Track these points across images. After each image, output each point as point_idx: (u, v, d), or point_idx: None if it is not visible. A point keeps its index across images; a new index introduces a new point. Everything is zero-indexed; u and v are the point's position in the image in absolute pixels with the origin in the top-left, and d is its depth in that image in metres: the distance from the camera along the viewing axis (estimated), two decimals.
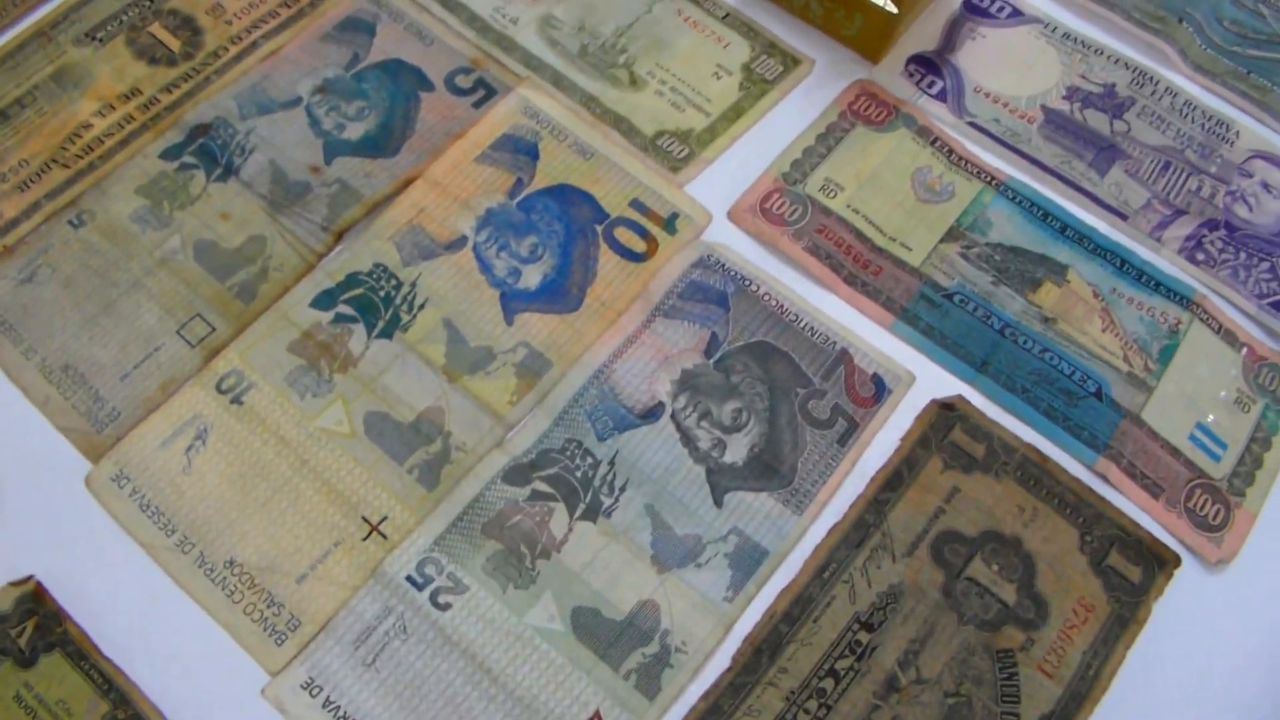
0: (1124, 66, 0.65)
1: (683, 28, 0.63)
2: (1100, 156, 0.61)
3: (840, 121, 0.60)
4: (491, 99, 0.60)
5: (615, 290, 0.55)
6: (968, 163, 0.60)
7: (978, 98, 0.62)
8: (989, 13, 0.66)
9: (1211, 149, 0.62)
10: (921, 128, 0.61)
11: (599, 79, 0.61)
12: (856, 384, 0.53)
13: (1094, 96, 0.63)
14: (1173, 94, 0.64)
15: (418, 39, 0.62)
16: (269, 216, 0.57)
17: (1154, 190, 0.60)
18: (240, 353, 0.53)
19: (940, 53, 0.64)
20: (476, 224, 0.56)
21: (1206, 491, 0.53)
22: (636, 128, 0.59)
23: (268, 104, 0.60)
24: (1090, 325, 0.56)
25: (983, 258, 0.57)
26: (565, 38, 0.62)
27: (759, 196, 0.57)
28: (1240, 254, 0.59)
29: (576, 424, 0.51)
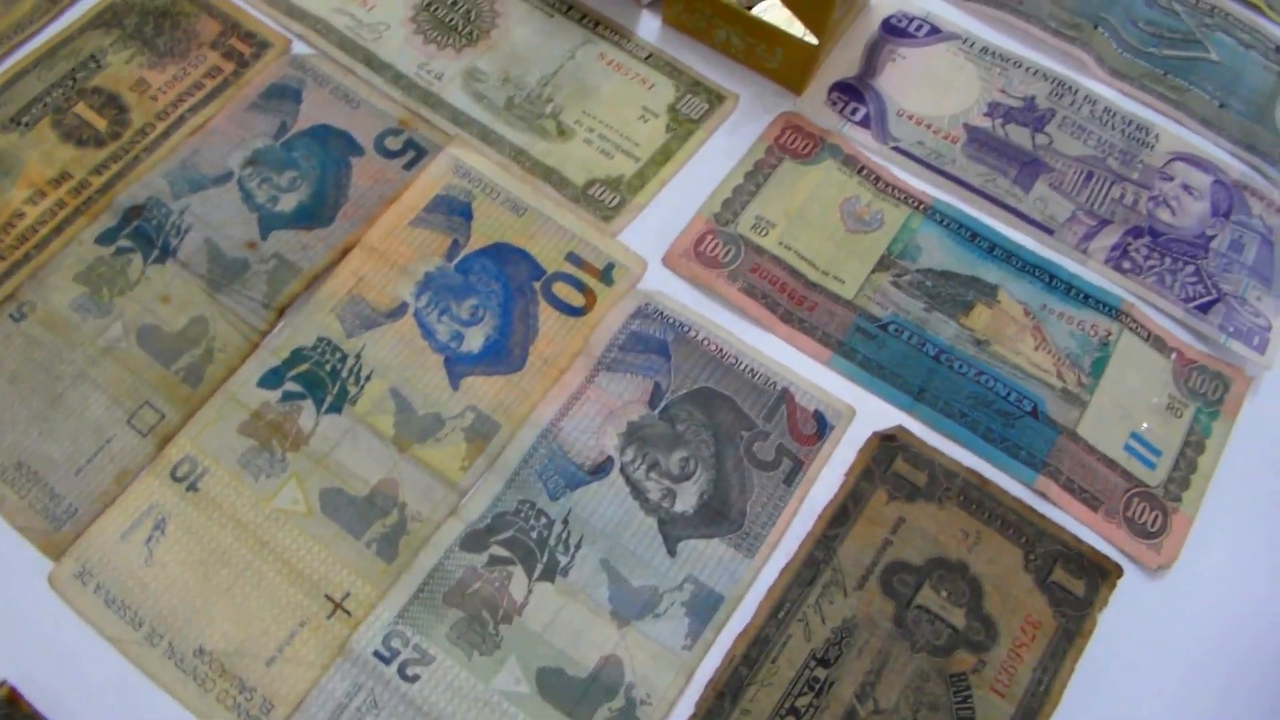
0: (1043, 78, 0.67)
1: (606, 72, 0.65)
2: (1024, 172, 0.63)
3: (768, 158, 0.62)
4: (422, 160, 0.61)
5: (557, 347, 0.56)
6: (894, 189, 0.62)
7: (901, 121, 0.64)
8: (907, 32, 0.68)
9: (1132, 155, 0.64)
10: (848, 157, 0.62)
11: (527, 131, 0.62)
12: (799, 422, 0.55)
13: (1015, 111, 0.65)
14: (1092, 102, 0.66)
15: (344, 102, 0.63)
16: (209, 297, 0.58)
17: (1078, 202, 0.62)
18: (192, 439, 0.54)
19: (862, 78, 0.66)
20: (416, 289, 0.57)
21: (1144, 500, 0.55)
22: (567, 178, 0.61)
23: (199, 180, 0.61)
24: (1023, 344, 0.58)
25: (914, 285, 0.59)
26: (491, 91, 0.63)
27: (692, 240, 0.59)
28: (1165, 259, 0.61)
29: (528, 485, 0.53)
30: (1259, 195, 0.65)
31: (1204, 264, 0.62)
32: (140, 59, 0.65)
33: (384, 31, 0.66)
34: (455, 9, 0.67)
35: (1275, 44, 0.72)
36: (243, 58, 0.65)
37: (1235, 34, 0.71)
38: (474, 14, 0.67)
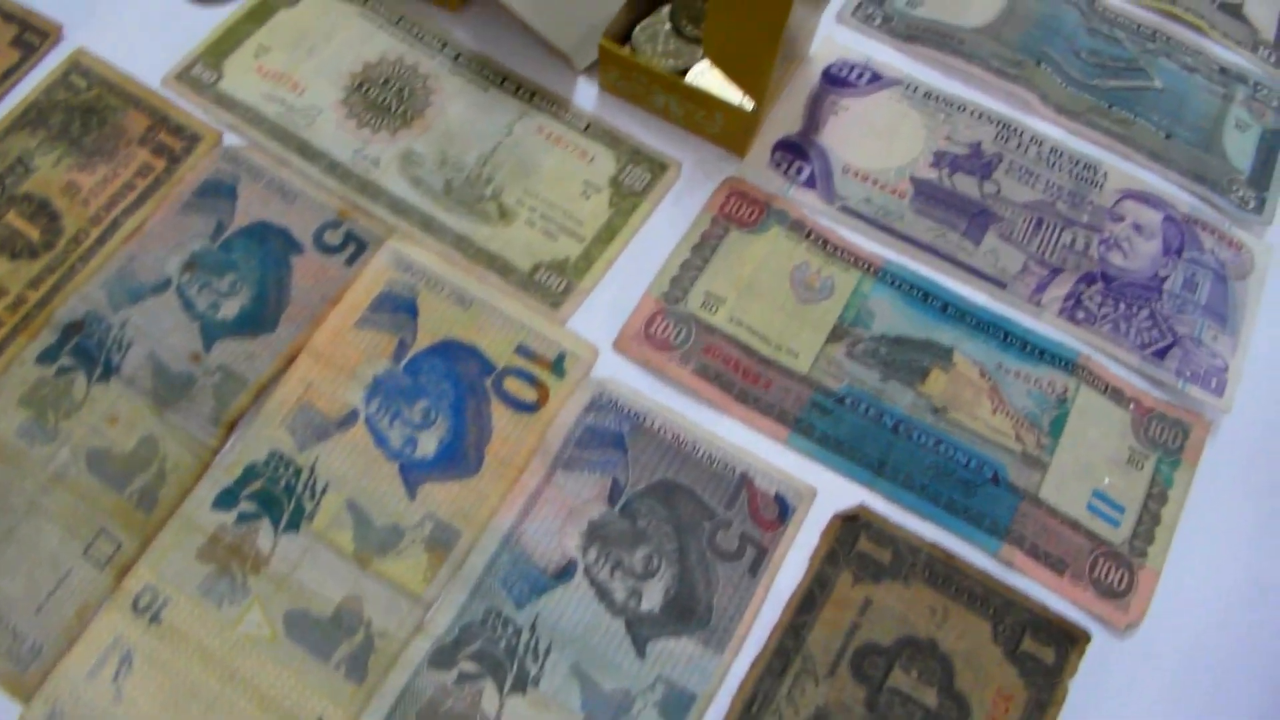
0: (988, 121, 0.67)
1: (545, 146, 0.64)
2: (973, 224, 0.63)
3: (713, 228, 0.62)
4: (363, 254, 0.61)
5: (512, 446, 0.56)
6: (844, 251, 0.62)
7: (847, 179, 0.64)
8: (849, 81, 0.67)
9: (1081, 196, 0.64)
10: (795, 221, 0.62)
11: (468, 216, 0.62)
12: (760, 507, 0.55)
13: (961, 159, 0.65)
14: (1038, 143, 0.66)
15: (280, 197, 0.62)
16: (157, 415, 0.57)
17: (1029, 251, 0.62)
18: (150, 567, 0.54)
19: (805, 134, 0.65)
20: (365, 394, 0.57)
21: (1109, 559, 0.56)
22: (512, 265, 0.60)
23: (138, 289, 0.60)
24: (980, 409, 0.58)
25: (869, 354, 0.59)
26: (429, 175, 0.63)
27: (642, 322, 0.59)
28: (1119, 305, 0.62)
29: (493, 593, 0.53)
30: (1210, 229, 0.65)
31: (1158, 307, 0.62)
32: (69, 160, 0.64)
33: (316, 117, 0.65)
34: (388, 88, 0.66)
35: (1218, 65, 0.72)
36: (173, 153, 0.64)
37: (1178, 58, 0.71)
38: (407, 93, 0.66)
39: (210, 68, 0.67)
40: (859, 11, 0.71)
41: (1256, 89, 0.71)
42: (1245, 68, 0.73)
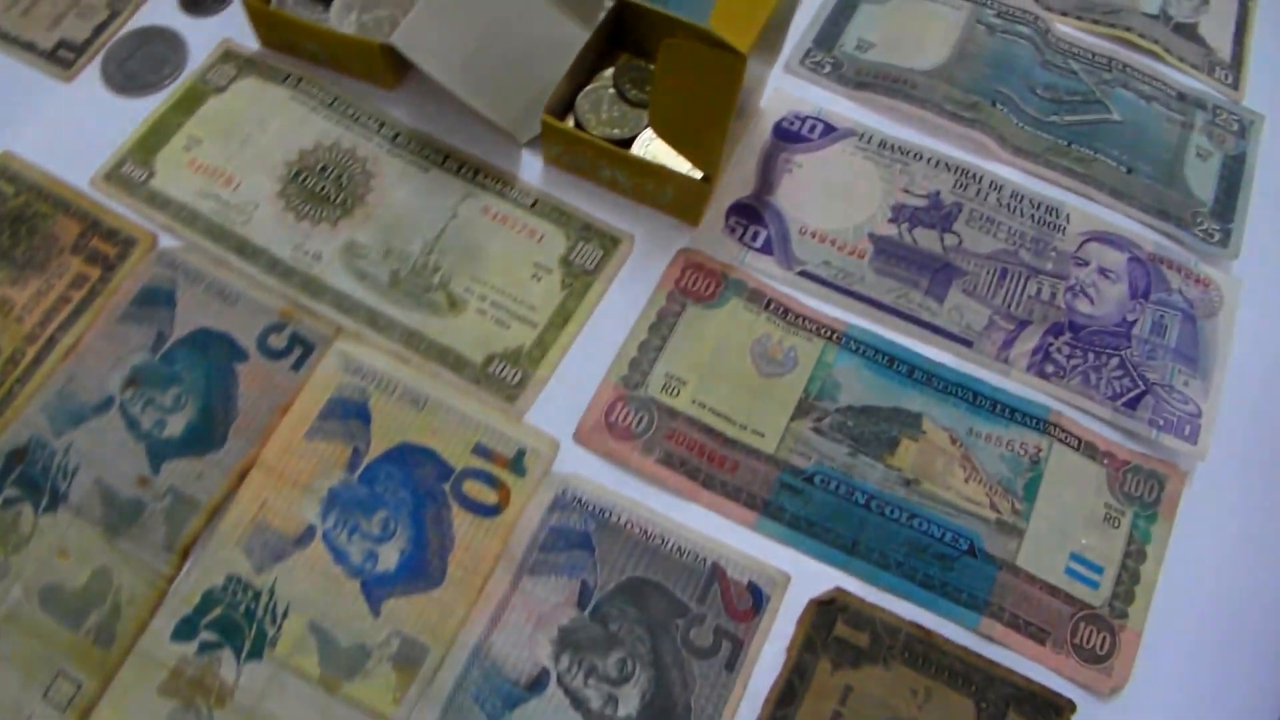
0: (945, 168, 0.65)
1: (492, 227, 0.63)
2: (936, 280, 0.62)
3: (670, 304, 0.60)
4: (310, 357, 0.59)
5: (476, 553, 0.55)
6: (805, 319, 0.60)
7: (804, 241, 0.62)
8: (801, 135, 0.66)
9: (1044, 242, 0.63)
10: (753, 291, 0.61)
11: (417, 308, 0.60)
12: (734, 599, 0.54)
13: (920, 212, 0.64)
14: (998, 188, 0.65)
15: (221, 300, 0.61)
16: (108, 545, 0.56)
17: (994, 305, 0.61)
18: (113, 707, 0.53)
19: (759, 195, 0.64)
20: (321, 509, 0.56)
21: (1090, 622, 0.55)
22: (465, 358, 0.59)
23: (79, 411, 0.58)
24: (953, 478, 0.57)
25: (836, 427, 0.58)
26: (373, 267, 0.61)
27: (602, 411, 0.58)
28: (1088, 355, 0.61)
29: (465, 709, 0.52)
30: (1175, 267, 0.64)
31: (1128, 354, 0.61)
32: (0, 275, 0.62)
33: (253, 212, 0.63)
34: (325, 176, 0.64)
35: (1176, 91, 0.71)
36: (108, 260, 0.63)
37: (1136, 87, 0.70)
38: (346, 179, 0.64)
39: (140, 165, 0.65)
40: (808, 60, 0.70)
41: (1216, 114, 0.70)
42: (1203, 92, 0.72)
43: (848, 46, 0.70)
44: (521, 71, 0.66)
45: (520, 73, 0.66)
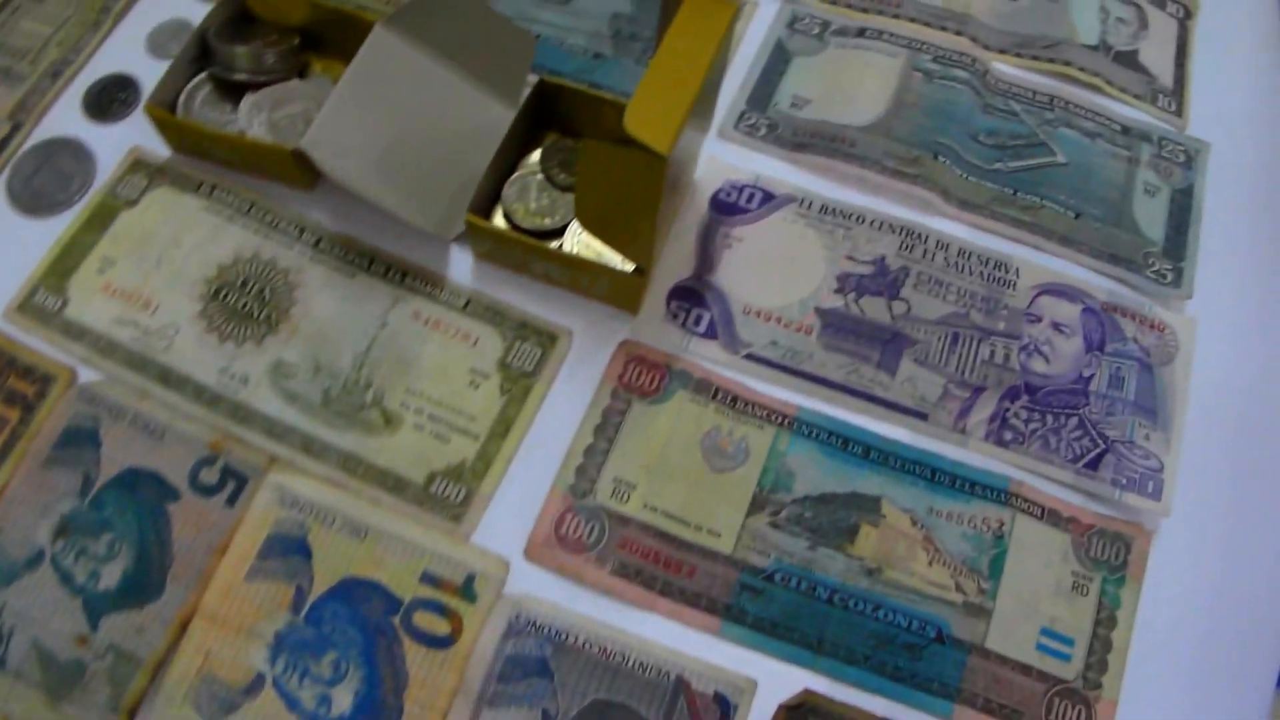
0: (889, 230, 0.64)
1: (425, 334, 0.61)
2: (887, 351, 0.60)
3: (615, 403, 0.59)
4: (244, 491, 0.58)
5: (431, 689, 0.53)
6: (754, 406, 0.59)
7: (749, 321, 0.61)
8: (739, 206, 0.64)
9: (995, 300, 0.62)
10: (699, 382, 0.59)
11: (351, 428, 0.58)
12: (701, 711, 0.53)
13: (867, 280, 0.62)
14: (944, 246, 0.63)
15: (147, 435, 0.59)
16: (51, 710, 0.55)
17: (947, 374, 0.60)
18: None
19: (700, 275, 0.62)
20: (269, 654, 0.54)
21: (1065, 697, 0.55)
22: (405, 479, 0.57)
23: (11, 568, 0.57)
24: (916, 562, 0.56)
25: (793, 520, 0.57)
26: (303, 386, 0.59)
27: (552, 523, 0.56)
28: (1047, 418, 0.59)
29: None
30: (1130, 314, 0.63)
31: (1086, 412, 0.60)
32: None
33: (174, 336, 0.61)
34: (247, 291, 0.62)
35: (1120, 125, 0.69)
36: (27, 400, 0.60)
37: (1079, 125, 0.69)
38: (268, 293, 0.62)
39: (53, 292, 0.62)
40: (742, 123, 0.68)
41: (1162, 145, 0.69)
42: (1148, 123, 0.70)
43: (782, 105, 0.68)
44: (444, 161, 0.64)
45: (442, 163, 0.64)
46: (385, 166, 0.62)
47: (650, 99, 0.52)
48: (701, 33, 0.54)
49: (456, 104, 0.66)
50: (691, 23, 0.55)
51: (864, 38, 0.72)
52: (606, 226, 0.57)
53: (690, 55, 0.53)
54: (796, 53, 0.71)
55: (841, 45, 0.71)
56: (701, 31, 0.54)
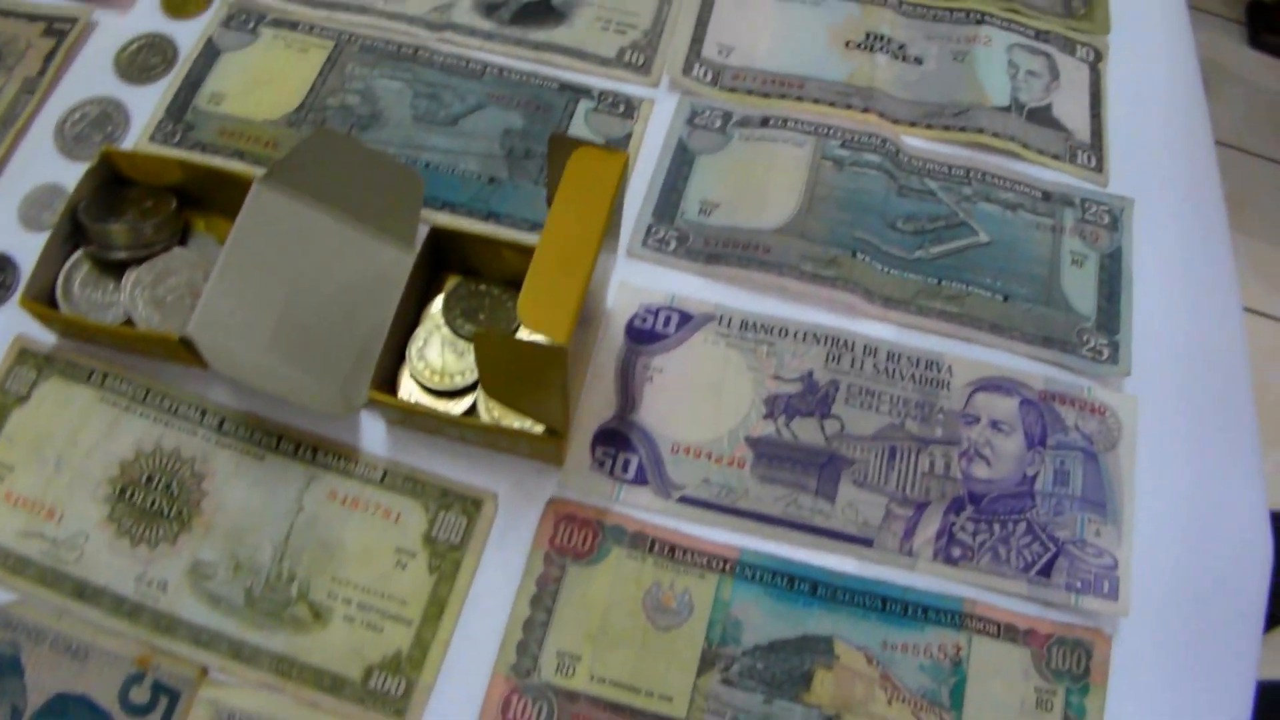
0: (814, 340, 0.61)
1: (344, 514, 0.58)
2: (824, 476, 0.58)
3: (549, 569, 0.56)
4: (177, 708, 0.55)
5: None
6: (693, 554, 0.57)
7: (679, 460, 0.58)
8: (656, 333, 0.61)
9: (930, 405, 0.60)
10: (634, 536, 0.57)
11: (280, 628, 0.56)
12: None
13: (796, 400, 0.60)
14: (872, 352, 0.61)
15: (71, 657, 0.56)
16: None
17: (888, 492, 0.58)
18: None
19: (623, 415, 0.60)
20: None
21: None
22: (342, 677, 0.55)
23: None
24: (875, 703, 0.54)
25: (746, 674, 0.55)
26: (225, 588, 0.57)
27: (497, 709, 0.55)
28: (994, 527, 0.58)
29: None
30: (1069, 400, 0.61)
31: (1034, 515, 0.58)
32: None
33: (84, 545, 0.58)
34: (154, 488, 0.59)
35: (1040, 191, 0.67)
36: None
37: (998, 196, 0.66)
38: (176, 486, 0.59)
39: None
40: (650, 238, 0.65)
41: (1085, 208, 0.66)
42: (1069, 185, 0.68)
43: (690, 213, 0.65)
44: (342, 323, 0.61)
45: (340, 326, 0.61)
46: (278, 343, 0.59)
47: (543, 282, 0.49)
48: (592, 190, 0.51)
49: (349, 254, 0.63)
50: (580, 180, 0.52)
51: (768, 127, 0.68)
52: (516, 400, 0.54)
53: (583, 221, 0.50)
54: (700, 151, 0.68)
55: (746, 138, 0.68)
56: (592, 188, 0.51)
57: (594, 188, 0.52)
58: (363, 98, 0.69)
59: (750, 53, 0.71)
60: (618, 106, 0.69)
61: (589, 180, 0.52)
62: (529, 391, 0.53)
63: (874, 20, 0.73)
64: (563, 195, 0.51)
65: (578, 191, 0.52)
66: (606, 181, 0.52)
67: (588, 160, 0.52)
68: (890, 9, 0.74)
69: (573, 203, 0.51)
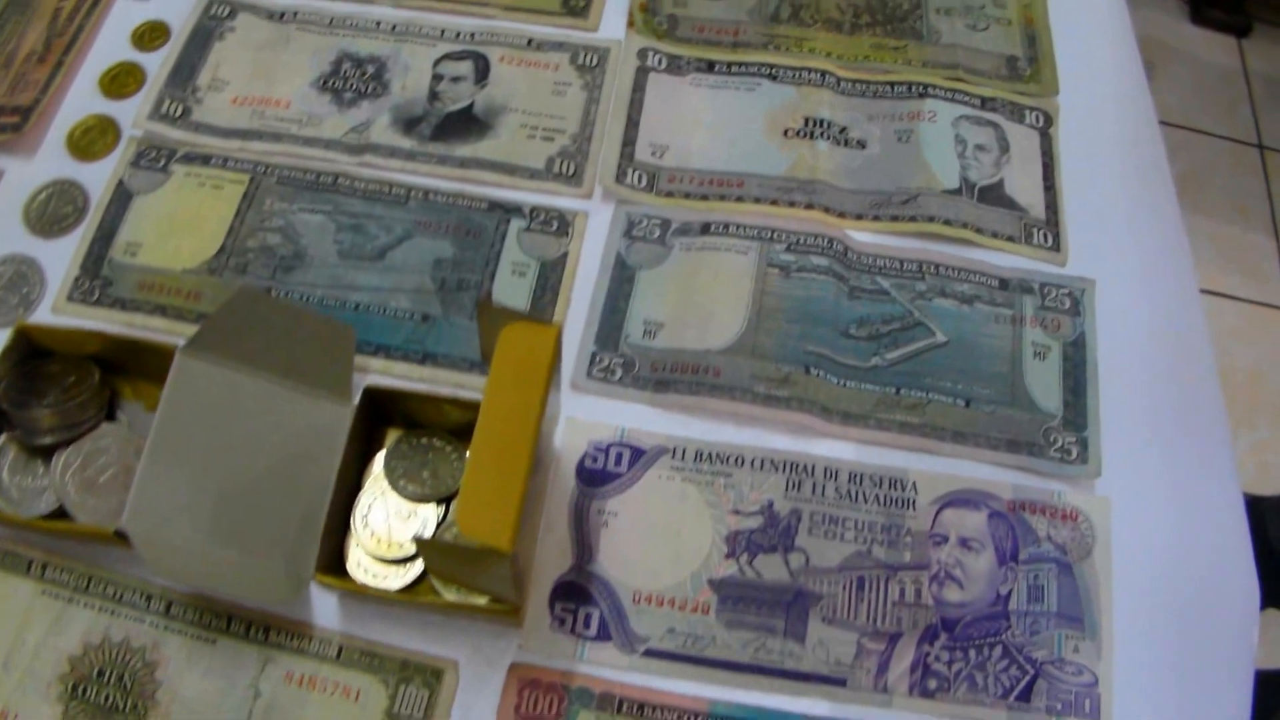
0: (773, 467, 0.61)
1: (302, 696, 0.57)
2: (792, 615, 0.57)
3: None
4: None
5: None
6: (663, 710, 0.56)
7: (641, 611, 0.57)
8: (608, 473, 0.59)
9: (897, 528, 0.58)
10: (601, 698, 0.56)
11: None
12: None
13: (757, 535, 0.58)
14: (833, 475, 0.59)
15: None
16: None
17: (858, 627, 0.56)
18: None
19: (580, 566, 0.58)
20: None
21: None
22: None
23: None
24: None
25: None
26: None
27: None
28: (969, 653, 0.56)
29: None
30: (1039, 509, 0.59)
31: (1009, 637, 0.57)
32: None
33: None
34: (105, 682, 0.57)
35: (997, 279, 0.64)
36: None
37: (954, 290, 0.63)
38: (128, 679, 0.57)
39: None
40: (594, 369, 0.63)
41: (1045, 293, 0.64)
42: (1026, 270, 0.65)
43: (634, 336, 0.62)
44: (283, 494, 0.59)
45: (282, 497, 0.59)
46: (218, 525, 0.56)
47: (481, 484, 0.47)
48: (525, 369, 0.49)
49: (284, 415, 0.60)
50: (512, 359, 0.49)
51: (710, 234, 0.65)
52: (467, 583, 0.52)
53: (518, 411, 0.48)
54: (640, 266, 0.65)
55: (687, 247, 0.65)
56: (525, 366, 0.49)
57: (528, 366, 0.50)
58: (284, 236, 0.66)
59: (685, 150, 0.68)
60: (551, 224, 0.66)
61: (522, 358, 0.50)
62: (479, 578, 0.51)
63: (812, 103, 0.69)
64: (495, 379, 0.49)
65: (511, 373, 0.49)
66: (540, 357, 0.49)
67: (519, 336, 0.50)
68: (828, 89, 0.70)
69: (507, 388, 0.49)
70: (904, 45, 0.72)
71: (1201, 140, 1.83)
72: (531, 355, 0.50)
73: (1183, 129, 1.84)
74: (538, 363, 0.49)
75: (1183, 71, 1.92)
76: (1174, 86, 1.89)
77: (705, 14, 0.73)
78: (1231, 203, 1.77)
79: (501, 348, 0.50)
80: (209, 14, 0.73)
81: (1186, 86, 1.89)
